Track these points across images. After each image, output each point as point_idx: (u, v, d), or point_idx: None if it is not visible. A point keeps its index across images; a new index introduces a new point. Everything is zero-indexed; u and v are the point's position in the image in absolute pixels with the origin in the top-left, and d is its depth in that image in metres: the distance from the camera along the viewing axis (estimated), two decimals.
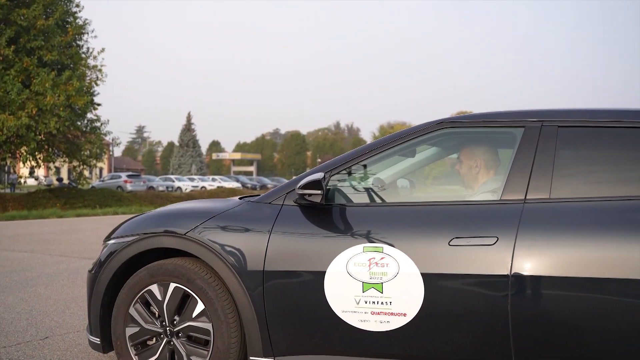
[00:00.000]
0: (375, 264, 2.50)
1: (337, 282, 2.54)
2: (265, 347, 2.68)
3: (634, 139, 2.46)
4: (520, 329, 2.31)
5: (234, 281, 2.70)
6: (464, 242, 2.40)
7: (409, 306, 2.45)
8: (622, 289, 2.19)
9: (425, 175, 4.14)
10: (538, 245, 2.31)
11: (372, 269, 2.50)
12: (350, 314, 2.53)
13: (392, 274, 2.47)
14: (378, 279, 2.49)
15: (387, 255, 2.49)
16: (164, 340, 2.82)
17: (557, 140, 2.50)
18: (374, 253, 2.51)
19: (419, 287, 2.43)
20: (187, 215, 2.90)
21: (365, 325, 2.52)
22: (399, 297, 2.46)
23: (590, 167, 2.52)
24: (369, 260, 2.51)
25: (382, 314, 2.49)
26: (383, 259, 2.49)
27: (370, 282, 2.50)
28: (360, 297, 2.52)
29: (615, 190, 2.41)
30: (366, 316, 2.52)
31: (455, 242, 2.41)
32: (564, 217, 2.35)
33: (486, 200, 2.63)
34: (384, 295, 2.48)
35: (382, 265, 2.49)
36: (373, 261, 2.51)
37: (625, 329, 2.19)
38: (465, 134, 2.95)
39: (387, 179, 3.36)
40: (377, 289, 2.49)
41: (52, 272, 6.50)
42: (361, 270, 2.51)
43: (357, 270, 2.52)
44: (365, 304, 2.51)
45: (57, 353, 3.51)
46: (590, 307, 2.23)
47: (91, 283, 3.05)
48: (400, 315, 2.47)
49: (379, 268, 2.49)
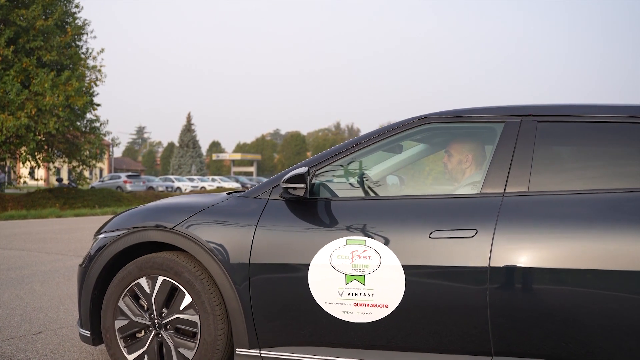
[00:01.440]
0: (357, 257, 2.55)
1: (320, 274, 2.59)
2: (251, 339, 2.72)
3: (611, 133, 2.50)
4: (499, 319, 2.36)
5: (220, 274, 2.74)
6: (444, 234, 2.45)
7: (391, 298, 2.50)
8: (599, 280, 2.24)
9: (426, 174, 4.19)
10: (516, 237, 2.36)
11: (354, 262, 2.55)
12: (334, 305, 2.58)
13: (374, 266, 2.52)
14: (360, 271, 2.53)
15: (370, 248, 2.54)
16: (152, 332, 2.87)
17: (536, 135, 2.55)
18: (357, 246, 2.56)
19: (400, 279, 2.48)
20: (174, 210, 2.95)
21: (348, 317, 2.57)
22: (381, 289, 2.51)
23: (569, 161, 2.56)
24: (352, 252, 2.56)
25: (364, 306, 2.54)
26: (365, 252, 2.54)
27: (352, 274, 2.54)
28: (343, 289, 2.57)
29: (592, 184, 2.46)
30: (349, 308, 2.56)
31: (435, 234, 2.46)
32: (542, 210, 2.40)
33: (466, 194, 2.68)
34: (366, 287, 2.53)
35: (365, 258, 2.54)
36: (356, 254, 2.55)
37: (601, 319, 2.23)
38: (448, 129, 3.00)
39: (376, 175, 3.41)
40: (359, 281, 2.54)
41: (48, 269, 6.55)
42: (344, 262, 2.56)
43: (340, 263, 2.56)
44: (348, 296, 2.56)
45: (49, 347, 3.56)
46: (567, 298, 2.27)
47: (81, 277, 3.10)
48: (382, 307, 2.52)
49: (361, 260, 2.54)
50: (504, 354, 2.37)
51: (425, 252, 2.46)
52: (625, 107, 2.52)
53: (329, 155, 2.86)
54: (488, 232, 2.39)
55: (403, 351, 2.53)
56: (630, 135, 2.47)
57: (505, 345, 2.37)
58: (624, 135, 2.49)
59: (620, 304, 2.20)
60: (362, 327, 2.57)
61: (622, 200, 2.33)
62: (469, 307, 2.40)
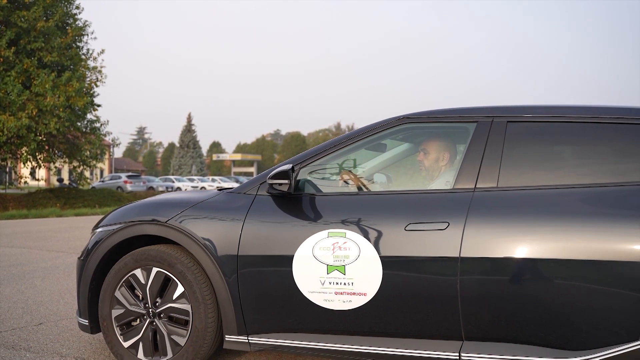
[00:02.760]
0: (338, 248, 2.72)
1: (304, 264, 2.76)
2: (240, 326, 2.89)
3: (576, 133, 2.67)
4: (469, 307, 2.52)
5: (210, 265, 2.91)
6: (419, 227, 2.62)
7: (369, 286, 2.67)
8: (561, 268, 2.40)
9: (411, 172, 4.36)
10: (485, 229, 2.52)
11: (335, 253, 2.72)
12: (316, 294, 2.75)
13: (353, 257, 2.69)
14: (341, 262, 2.70)
15: (350, 240, 2.71)
16: (147, 320, 3.04)
17: (505, 134, 2.71)
18: (338, 238, 2.73)
19: (378, 269, 2.65)
20: (168, 205, 3.12)
21: (329, 305, 2.74)
22: (360, 278, 2.68)
23: (536, 158, 2.72)
24: (333, 244, 2.73)
25: (344, 294, 2.71)
26: (346, 243, 2.71)
27: (334, 265, 2.71)
28: (325, 279, 2.73)
29: (557, 180, 2.61)
30: (330, 296, 2.73)
31: (410, 227, 2.63)
32: (509, 203, 2.56)
33: (440, 189, 2.85)
34: (346, 277, 2.70)
35: (345, 249, 2.71)
36: (337, 245, 2.72)
37: (564, 305, 2.39)
38: (424, 128, 3.16)
39: (363, 173, 3.58)
40: (340, 270, 2.71)
41: (48, 266, 6.72)
42: (326, 253, 2.73)
43: (322, 254, 2.73)
44: (329, 285, 2.73)
45: (49, 337, 3.73)
46: (533, 286, 2.43)
47: (80, 269, 3.26)
48: (361, 295, 2.68)
49: (341, 252, 2.71)
50: (474, 339, 2.53)
51: (401, 244, 2.62)
52: (588, 108, 2.68)
53: (314, 153, 3.03)
54: (459, 224, 2.55)
55: (381, 337, 2.70)
56: (592, 134, 2.64)
57: (474, 331, 2.53)
58: (586, 134, 2.65)
59: (580, 290, 2.36)
60: (343, 314, 2.73)
61: (585, 195, 2.49)
62: (440, 295, 2.56)
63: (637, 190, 2.42)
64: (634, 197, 2.40)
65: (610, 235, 2.34)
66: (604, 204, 2.43)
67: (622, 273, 2.31)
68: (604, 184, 2.49)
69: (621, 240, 2.32)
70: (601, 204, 2.43)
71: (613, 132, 2.61)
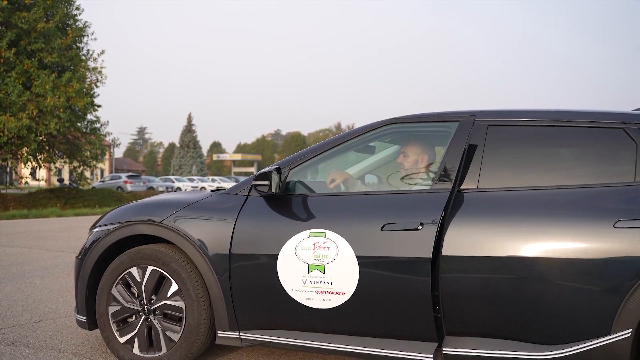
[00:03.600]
0: (318, 248, 2.80)
1: (287, 263, 2.86)
2: (231, 322, 3.00)
3: (553, 136, 2.77)
4: (449, 304, 2.62)
5: (203, 264, 3.02)
6: (394, 227, 2.70)
7: (347, 286, 2.75)
8: (537, 266, 2.50)
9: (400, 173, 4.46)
10: (459, 229, 2.61)
11: (316, 252, 2.80)
12: (299, 292, 2.84)
13: (332, 257, 2.77)
14: (321, 261, 2.79)
15: (329, 240, 2.79)
16: (142, 317, 3.15)
17: (486, 137, 2.81)
18: (318, 238, 2.81)
19: (355, 269, 2.73)
20: (163, 205, 3.23)
21: (311, 303, 2.83)
22: (338, 278, 2.76)
23: (513, 161, 2.80)
24: (314, 244, 2.81)
25: (324, 293, 2.80)
26: (325, 243, 2.79)
27: (314, 264, 2.80)
28: (306, 278, 2.82)
29: (532, 181, 2.69)
30: (312, 295, 2.82)
31: (387, 227, 2.71)
32: (485, 204, 2.66)
33: (416, 190, 2.95)
34: (326, 276, 2.79)
35: (324, 249, 2.79)
36: (317, 245, 2.81)
37: (540, 302, 2.49)
38: (410, 130, 3.25)
39: (354, 174, 3.68)
40: (320, 270, 2.79)
41: (48, 265, 6.83)
42: (307, 253, 2.82)
43: (303, 253, 2.82)
44: (310, 284, 2.82)
45: (48, 334, 3.84)
46: (509, 283, 2.53)
47: (78, 267, 3.38)
48: (339, 294, 2.77)
49: (321, 251, 2.79)
50: (455, 334, 2.63)
51: (377, 244, 2.70)
52: (563, 112, 2.79)
53: (303, 155, 3.13)
54: (434, 225, 2.63)
55: (361, 336, 2.78)
56: (567, 137, 2.74)
57: (448, 328, 2.63)
58: (560, 137, 2.75)
59: (555, 288, 2.47)
60: (323, 313, 2.82)
61: (558, 196, 2.58)
62: (415, 294, 2.63)
63: (607, 191, 2.53)
64: (604, 198, 2.51)
65: (582, 235, 2.44)
66: (576, 205, 2.53)
67: (594, 271, 2.41)
68: (577, 185, 2.59)
69: (593, 240, 2.42)
70: (574, 205, 2.53)
71: (585, 135, 2.71)
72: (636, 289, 2.35)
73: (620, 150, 2.61)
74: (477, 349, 2.57)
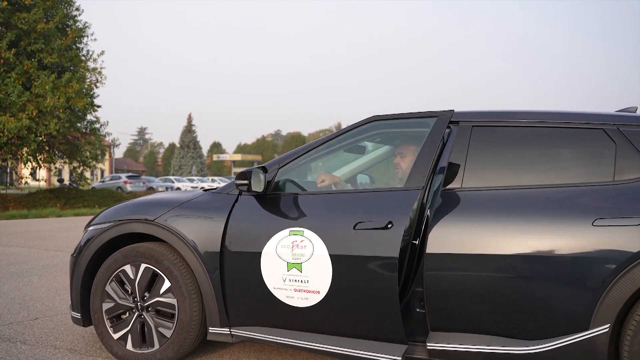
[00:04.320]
0: (296, 246, 2.83)
1: (269, 261, 2.90)
2: (222, 319, 3.06)
3: (534, 137, 2.82)
4: (427, 302, 2.68)
5: (195, 262, 3.09)
6: (365, 226, 2.71)
7: (322, 284, 2.78)
8: (517, 263, 2.56)
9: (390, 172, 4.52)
10: (443, 227, 2.66)
11: (294, 250, 2.84)
12: (280, 290, 2.89)
13: (308, 255, 2.81)
14: (298, 260, 2.83)
15: (306, 238, 2.83)
16: (135, 314, 3.21)
17: (470, 137, 2.86)
18: (296, 236, 2.85)
19: (328, 267, 2.76)
20: (155, 204, 3.29)
21: (291, 301, 2.87)
22: (314, 276, 2.79)
23: (494, 160, 2.85)
24: (292, 242, 2.85)
25: (302, 291, 2.83)
26: (302, 242, 2.83)
27: (292, 262, 2.84)
28: (285, 276, 2.86)
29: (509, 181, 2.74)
30: (291, 293, 2.86)
31: (359, 226, 2.73)
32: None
33: (388, 188, 2.97)
34: (303, 274, 2.82)
35: (301, 247, 2.82)
36: (295, 243, 2.84)
37: (520, 298, 2.55)
38: (396, 131, 3.31)
39: (346, 174, 3.74)
40: (297, 268, 2.83)
41: (46, 264, 6.90)
42: (286, 251, 2.86)
43: (283, 252, 2.86)
44: (289, 282, 2.86)
45: (44, 331, 3.90)
46: (491, 280, 2.59)
47: (73, 265, 3.44)
48: (315, 293, 2.80)
49: (299, 249, 2.83)
50: (438, 330, 2.70)
51: (350, 243, 2.72)
52: (544, 113, 2.85)
53: (292, 154, 3.19)
54: (404, 223, 2.66)
55: (336, 336, 2.80)
56: (549, 138, 2.80)
57: (439, 321, 2.69)
58: (543, 138, 2.81)
59: (535, 284, 2.53)
60: (302, 312, 2.85)
61: (540, 195, 2.64)
62: (382, 295, 2.64)
63: (587, 191, 2.59)
64: (584, 197, 2.57)
65: (562, 233, 2.51)
66: (558, 203, 2.59)
67: (573, 268, 2.47)
68: (558, 185, 2.65)
69: (572, 238, 2.48)
70: (555, 204, 2.59)
71: (567, 136, 2.76)
72: (614, 286, 2.41)
73: (600, 150, 2.67)
74: (460, 344, 2.63)
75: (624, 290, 2.39)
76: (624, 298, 2.40)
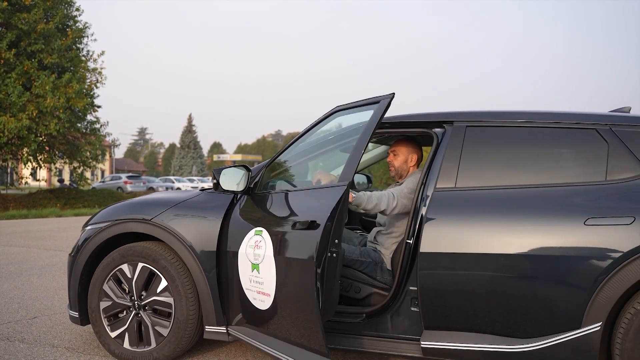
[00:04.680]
0: (257, 246, 2.78)
1: (241, 261, 2.90)
2: (219, 317, 3.08)
3: (529, 137, 2.83)
4: (420, 301, 2.70)
5: (191, 261, 3.11)
6: (301, 226, 2.59)
7: (271, 287, 2.70)
8: (510, 262, 2.58)
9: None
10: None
11: (255, 251, 2.79)
12: (249, 291, 2.88)
13: (262, 256, 2.76)
14: (257, 260, 2.79)
15: (263, 239, 2.77)
16: (132, 312, 3.24)
17: (464, 137, 2.88)
18: (258, 236, 2.81)
19: (274, 269, 2.68)
20: (152, 204, 3.32)
21: (256, 303, 2.84)
22: (266, 278, 2.72)
23: (488, 160, 2.86)
24: (256, 242, 2.81)
25: (260, 293, 2.78)
26: (261, 242, 2.78)
27: (254, 263, 2.81)
28: (250, 276, 2.84)
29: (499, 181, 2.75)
30: (255, 294, 2.83)
31: (297, 226, 2.62)
32: (458, 203, 2.74)
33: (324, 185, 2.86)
34: (260, 276, 2.77)
35: (260, 248, 2.77)
36: (257, 244, 2.79)
37: (513, 297, 2.57)
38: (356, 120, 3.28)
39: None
40: (257, 269, 2.79)
41: (45, 264, 6.92)
42: (250, 251, 2.83)
43: (249, 252, 2.84)
44: (253, 283, 2.83)
45: (43, 329, 3.93)
46: (484, 279, 2.61)
47: (71, 264, 3.47)
48: (268, 295, 2.72)
49: (258, 250, 2.77)
50: (432, 328, 2.72)
51: (288, 243, 2.64)
52: (540, 114, 2.86)
53: (276, 154, 3.20)
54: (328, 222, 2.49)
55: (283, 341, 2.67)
56: (542, 138, 2.81)
57: (428, 322, 2.71)
58: (535, 138, 2.82)
59: (528, 283, 2.55)
60: (262, 314, 2.79)
61: (532, 194, 2.66)
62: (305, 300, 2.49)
63: (579, 190, 2.61)
64: (576, 197, 2.59)
65: (554, 232, 2.53)
66: (550, 203, 2.60)
67: (565, 267, 2.49)
68: (550, 184, 2.66)
69: (564, 237, 2.51)
70: (548, 203, 2.61)
71: (560, 136, 2.78)
72: (605, 284, 2.43)
73: (592, 150, 2.68)
74: (454, 343, 2.65)
75: (615, 288, 2.41)
76: (615, 296, 2.42)
